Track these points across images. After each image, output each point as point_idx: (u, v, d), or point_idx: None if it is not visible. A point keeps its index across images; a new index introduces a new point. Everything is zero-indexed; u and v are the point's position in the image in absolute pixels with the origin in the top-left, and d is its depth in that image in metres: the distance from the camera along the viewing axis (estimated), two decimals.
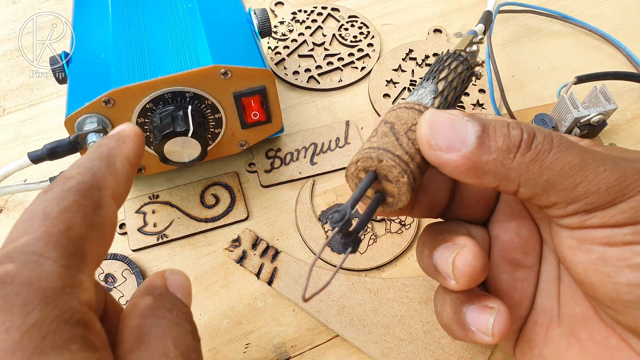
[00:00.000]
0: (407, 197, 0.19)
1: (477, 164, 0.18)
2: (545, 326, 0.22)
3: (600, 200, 0.17)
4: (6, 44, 0.44)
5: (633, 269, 0.17)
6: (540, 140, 0.18)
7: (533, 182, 0.17)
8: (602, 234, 0.17)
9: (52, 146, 0.26)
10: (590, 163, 0.17)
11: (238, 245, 0.30)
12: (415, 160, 0.19)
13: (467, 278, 0.20)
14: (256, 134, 0.31)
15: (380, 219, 0.31)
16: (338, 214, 0.17)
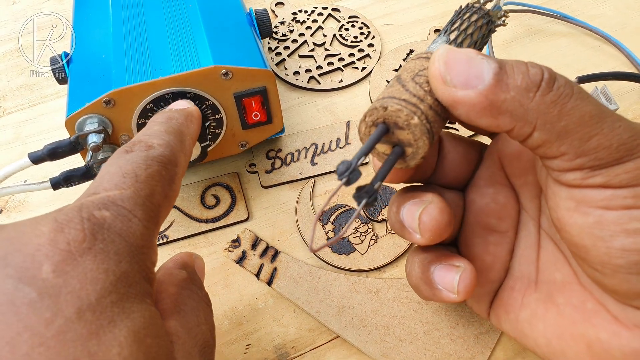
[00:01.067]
0: (425, 142, 0.18)
1: (495, 102, 0.17)
2: (522, 291, 0.22)
3: (610, 156, 0.17)
4: (6, 44, 0.44)
5: (628, 234, 0.17)
6: (562, 83, 0.17)
7: (550, 127, 0.17)
8: (602, 196, 0.17)
9: (53, 147, 0.26)
10: (607, 117, 0.17)
11: (238, 246, 0.30)
12: (425, 101, 0.18)
13: (431, 232, 0.20)
14: (257, 134, 0.31)
15: (380, 219, 0.31)
16: (343, 165, 0.16)
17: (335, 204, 0.32)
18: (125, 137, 0.28)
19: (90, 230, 0.16)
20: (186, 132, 0.22)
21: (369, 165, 0.34)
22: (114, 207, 0.17)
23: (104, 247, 0.16)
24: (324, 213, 0.32)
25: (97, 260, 0.15)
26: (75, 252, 0.15)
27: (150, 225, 0.17)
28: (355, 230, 0.31)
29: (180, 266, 0.21)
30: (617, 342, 0.18)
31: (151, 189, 0.18)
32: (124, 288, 0.15)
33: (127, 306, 0.15)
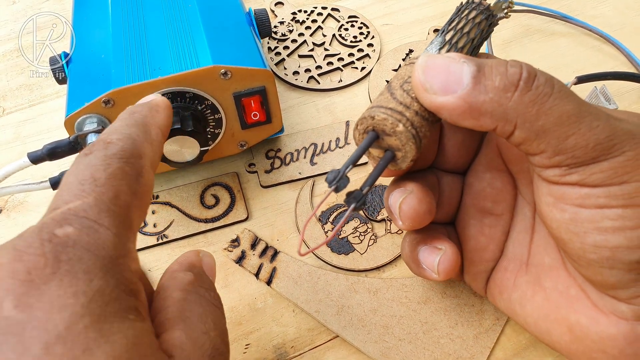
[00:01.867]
0: (412, 147, 0.19)
1: (474, 105, 0.17)
2: (515, 273, 0.23)
3: (586, 155, 0.17)
4: (6, 44, 0.44)
5: (600, 232, 0.17)
6: (542, 82, 0.17)
7: (529, 125, 0.17)
8: (578, 194, 0.18)
9: (52, 146, 0.26)
10: (586, 116, 0.17)
11: (237, 245, 0.30)
12: (412, 108, 0.19)
13: (410, 220, 0.21)
14: (256, 134, 0.31)
15: (380, 219, 0.31)
16: (331, 173, 0.18)
17: (334, 204, 0.32)
18: None
19: (52, 253, 0.14)
20: (151, 122, 0.20)
21: (367, 166, 0.34)
22: (76, 220, 0.15)
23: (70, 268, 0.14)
24: (323, 213, 0.32)
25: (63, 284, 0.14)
26: (38, 280, 0.14)
27: (121, 231, 0.16)
28: (354, 230, 0.31)
29: (186, 268, 0.20)
30: (595, 327, 0.19)
31: (115, 191, 0.16)
32: (99, 308, 0.14)
33: (105, 328, 0.14)
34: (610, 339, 0.19)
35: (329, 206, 0.32)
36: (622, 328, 0.19)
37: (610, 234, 0.17)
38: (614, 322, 0.19)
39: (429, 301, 0.28)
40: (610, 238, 0.17)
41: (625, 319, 0.19)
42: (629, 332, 0.19)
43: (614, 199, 0.17)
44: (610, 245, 0.17)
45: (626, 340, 0.19)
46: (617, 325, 0.19)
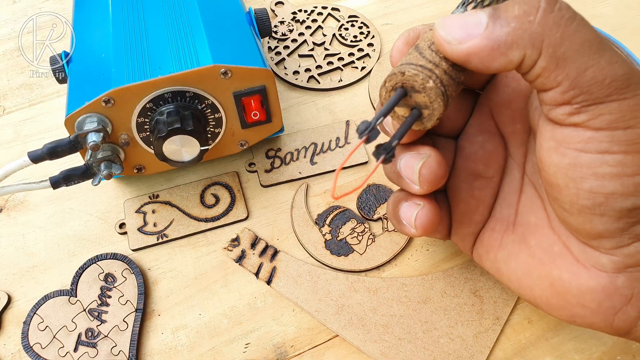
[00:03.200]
0: (440, 104, 0.19)
1: (498, 40, 0.17)
2: (502, 233, 0.24)
3: (600, 91, 0.17)
4: (6, 43, 0.44)
5: (597, 178, 0.18)
6: (564, 6, 0.17)
7: (552, 51, 0.17)
8: (580, 137, 0.18)
9: (52, 146, 0.26)
10: (607, 49, 0.17)
11: (237, 245, 0.30)
12: (440, 66, 0.19)
13: (429, 183, 0.22)
14: (256, 133, 0.31)
15: (376, 218, 0.31)
16: (363, 124, 0.18)
17: (330, 206, 0.32)
18: (125, 136, 0.28)
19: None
20: None
21: (367, 166, 0.34)
22: None
23: None
24: (319, 216, 0.32)
25: None
26: None
27: None
28: (352, 231, 0.31)
29: None
30: (576, 281, 0.20)
31: None
32: None
33: None
34: (590, 292, 0.20)
35: (329, 206, 0.32)
36: (602, 281, 0.19)
37: (607, 180, 0.18)
38: (594, 275, 0.20)
39: (429, 301, 0.28)
40: (606, 184, 0.18)
41: (605, 272, 0.19)
42: (608, 284, 0.19)
43: (616, 144, 0.17)
44: (606, 192, 0.18)
45: (604, 292, 0.19)
46: (596, 278, 0.20)
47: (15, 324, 0.28)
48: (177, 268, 0.30)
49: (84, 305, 0.28)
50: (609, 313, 0.20)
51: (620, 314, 0.19)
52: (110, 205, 0.33)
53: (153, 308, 0.29)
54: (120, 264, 0.30)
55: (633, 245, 0.19)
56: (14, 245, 0.32)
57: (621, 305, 0.19)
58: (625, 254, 0.19)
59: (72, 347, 0.27)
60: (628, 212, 0.18)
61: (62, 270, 0.30)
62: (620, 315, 0.20)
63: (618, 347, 0.26)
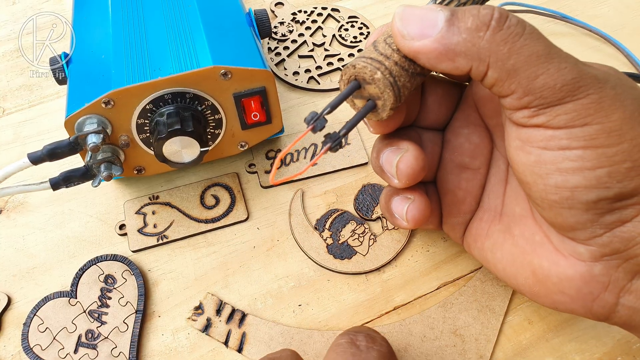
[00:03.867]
0: (389, 94, 0.20)
1: (448, 46, 0.18)
2: (489, 223, 0.25)
3: (553, 95, 0.18)
4: (6, 44, 0.44)
5: (561, 173, 0.19)
6: (514, 22, 0.18)
7: (501, 64, 0.18)
8: (542, 136, 0.19)
9: (52, 147, 0.26)
10: (555, 57, 0.18)
11: (201, 313, 0.28)
12: (391, 58, 0.20)
13: (408, 178, 0.22)
14: (256, 134, 0.31)
15: (375, 217, 0.31)
16: (310, 114, 0.19)
17: (329, 209, 0.32)
18: (125, 137, 0.28)
19: None
20: None
21: (367, 167, 0.34)
22: None
23: None
24: (318, 220, 0.32)
25: None
26: None
27: None
28: (353, 233, 0.31)
29: None
30: (555, 269, 0.21)
31: None
32: None
33: None
34: (568, 279, 0.20)
35: (329, 207, 0.32)
36: (580, 269, 0.20)
37: (570, 175, 0.18)
38: (572, 263, 0.20)
39: (409, 347, 0.26)
40: (570, 178, 0.18)
41: (583, 260, 0.20)
42: (585, 272, 0.20)
43: (575, 141, 0.18)
44: (570, 186, 0.18)
45: (582, 279, 0.20)
46: (574, 267, 0.20)
47: (15, 326, 0.28)
48: (177, 269, 0.30)
49: (84, 307, 0.28)
50: (588, 299, 0.20)
51: (598, 300, 0.20)
52: (110, 206, 0.33)
53: (153, 309, 0.29)
54: (120, 265, 0.30)
55: (606, 235, 0.19)
56: (13, 247, 0.32)
57: (599, 292, 0.20)
58: (599, 243, 0.19)
59: (72, 348, 0.27)
60: (594, 204, 0.19)
61: (62, 271, 0.30)
62: (599, 301, 0.20)
63: (619, 347, 0.26)
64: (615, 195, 0.18)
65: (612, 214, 0.19)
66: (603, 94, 0.18)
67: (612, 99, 0.18)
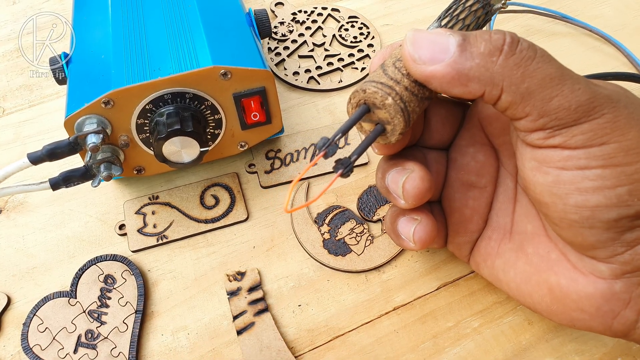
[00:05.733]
0: (400, 120, 0.20)
1: (461, 71, 0.18)
2: (499, 241, 0.24)
3: (568, 116, 0.18)
4: (6, 44, 0.44)
5: (581, 192, 0.18)
6: (525, 46, 0.18)
7: (515, 88, 0.18)
8: (560, 156, 0.19)
9: (52, 147, 0.26)
10: (567, 79, 0.18)
11: (240, 279, 0.29)
12: (402, 83, 0.20)
13: (414, 198, 0.22)
14: (256, 134, 0.31)
15: (376, 219, 0.31)
16: (322, 140, 0.19)
17: (330, 206, 0.32)
18: (125, 137, 0.28)
19: None
20: None
21: (368, 167, 0.34)
22: None
23: None
24: (319, 215, 0.32)
25: None
26: None
27: None
28: (351, 231, 0.31)
29: None
30: (574, 286, 0.20)
31: None
32: None
33: None
34: (588, 297, 0.20)
35: (328, 206, 0.32)
36: (600, 286, 0.20)
37: (590, 194, 0.18)
38: (592, 281, 0.20)
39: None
40: (590, 198, 0.18)
41: (603, 278, 0.20)
42: (606, 290, 0.20)
43: (594, 160, 0.18)
44: (590, 205, 0.18)
45: (603, 297, 0.20)
46: (594, 284, 0.20)
47: (14, 326, 0.28)
48: (177, 269, 0.30)
49: (84, 307, 0.28)
50: (608, 317, 0.20)
51: (619, 318, 0.20)
52: (110, 206, 0.33)
53: (153, 309, 0.29)
54: (120, 266, 0.30)
55: (627, 253, 0.19)
56: (13, 247, 0.32)
57: (619, 309, 0.20)
58: (621, 261, 0.19)
59: (71, 348, 0.27)
60: (615, 222, 0.18)
61: (62, 271, 0.30)
62: (619, 318, 0.20)
63: (619, 348, 0.26)
64: (636, 213, 0.18)
65: (633, 231, 0.19)
66: (618, 113, 0.18)
67: (627, 117, 0.18)
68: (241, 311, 0.28)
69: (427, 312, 0.28)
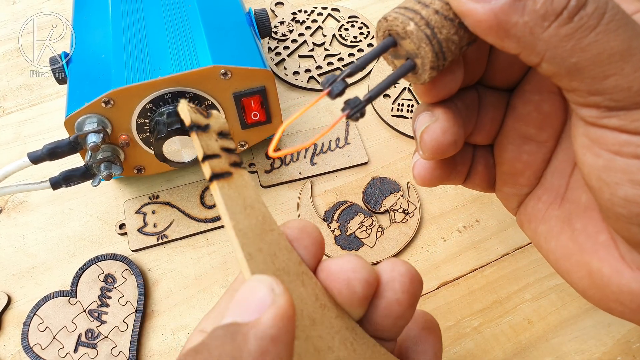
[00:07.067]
0: (426, 50, 0.16)
1: (503, 24, 0.15)
2: (547, 204, 0.21)
3: (628, 99, 0.15)
4: (6, 44, 0.44)
5: (634, 185, 0.16)
6: (589, 12, 0.15)
7: (559, 61, 0.15)
8: (616, 140, 0.16)
9: (52, 146, 0.26)
10: (635, 54, 0.15)
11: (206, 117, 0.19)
12: (431, 6, 0.16)
13: (431, 152, 0.20)
14: (256, 134, 0.31)
15: (383, 210, 0.31)
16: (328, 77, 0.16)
17: (337, 201, 0.32)
18: (125, 136, 0.28)
19: None
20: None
21: (369, 165, 0.34)
22: None
23: None
24: (327, 212, 0.32)
25: None
26: None
27: None
28: (360, 225, 0.31)
29: None
30: (617, 279, 0.18)
31: None
32: None
33: None
34: (631, 293, 0.18)
35: (329, 206, 0.32)
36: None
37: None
38: (638, 278, 0.18)
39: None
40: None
41: None
42: None
43: None
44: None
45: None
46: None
47: (15, 325, 0.28)
48: (177, 269, 0.30)
49: (84, 306, 0.28)
50: None
51: None
52: (110, 206, 0.33)
53: (153, 309, 0.29)
54: (120, 265, 0.30)
55: None
56: (14, 246, 0.32)
57: None
58: None
59: (72, 347, 0.27)
60: None
61: (62, 271, 0.30)
62: None
63: (618, 347, 0.26)
64: None
65: None
66: None
67: None
68: (214, 153, 0.18)
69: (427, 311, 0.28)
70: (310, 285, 0.17)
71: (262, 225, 0.17)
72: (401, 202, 0.32)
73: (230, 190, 0.18)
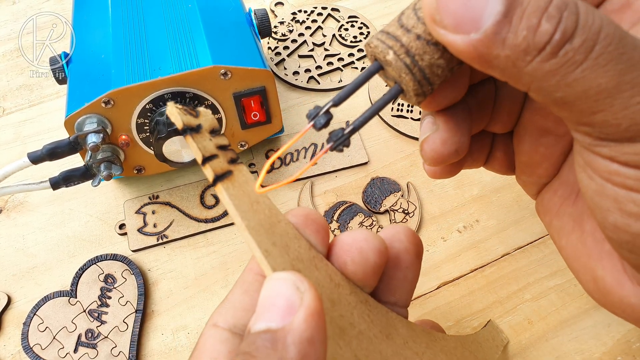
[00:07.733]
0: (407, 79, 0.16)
1: (485, 56, 0.14)
2: (562, 200, 0.21)
3: (618, 134, 0.14)
4: (6, 44, 0.44)
5: (623, 214, 0.15)
6: (576, 45, 0.13)
7: (545, 94, 0.14)
8: (607, 168, 0.15)
9: (52, 147, 0.26)
10: (625, 90, 0.14)
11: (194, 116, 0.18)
12: (414, 30, 0.15)
13: (431, 161, 0.20)
14: (256, 134, 0.31)
15: (383, 210, 0.31)
16: (314, 109, 0.16)
17: (337, 202, 0.32)
18: (125, 137, 0.28)
19: None
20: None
21: (367, 166, 0.34)
22: None
23: None
24: (327, 212, 0.32)
25: None
26: None
27: None
28: (360, 225, 0.31)
29: None
30: (619, 290, 0.18)
31: None
32: None
33: None
34: (632, 306, 0.18)
35: (329, 206, 0.32)
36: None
37: (634, 220, 0.15)
38: (638, 293, 0.18)
39: None
40: (632, 224, 0.15)
41: None
42: None
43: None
44: (632, 231, 0.15)
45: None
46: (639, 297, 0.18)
47: (15, 325, 0.28)
48: (177, 269, 0.30)
49: (84, 306, 0.28)
50: None
51: None
52: (110, 206, 0.33)
53: (153, 309, 0.29)
54: (120, 265, 0.30)
55: None
56: (13, 246, 0.32)
57: None
58: None
59: (72, 348, 0.27)
60: None
61: (62, 271, 0.30)
62: None
63: (618, 347, 0.26)
64: None
65: None
66: None
67: None
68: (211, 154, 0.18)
69: (427, 311, 0.28)
70: (322, 268, 0.17)
71: (270, 218, 0.18)
72: (401, 202, 0.32)
73: (235, 189, 0.18)
